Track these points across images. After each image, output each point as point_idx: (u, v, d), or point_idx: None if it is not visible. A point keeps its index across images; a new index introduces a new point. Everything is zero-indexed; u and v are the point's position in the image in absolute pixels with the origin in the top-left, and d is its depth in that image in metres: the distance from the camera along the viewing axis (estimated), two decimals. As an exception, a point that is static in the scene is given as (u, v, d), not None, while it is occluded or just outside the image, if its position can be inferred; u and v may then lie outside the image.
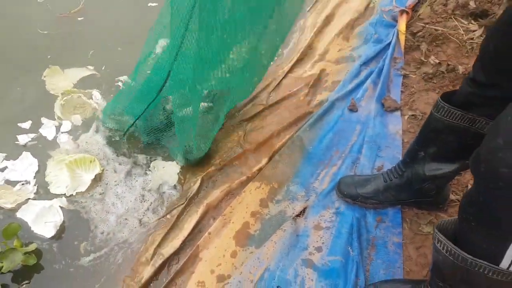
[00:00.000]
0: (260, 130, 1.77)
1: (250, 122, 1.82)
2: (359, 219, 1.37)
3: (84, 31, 2.16)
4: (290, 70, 2.02)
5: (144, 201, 1.56)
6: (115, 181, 1.60)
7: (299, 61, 2.06)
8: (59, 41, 2.10)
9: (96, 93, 1.88)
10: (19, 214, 1.48)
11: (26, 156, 1.63)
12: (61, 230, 1.47)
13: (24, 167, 1.60)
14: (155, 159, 1.68)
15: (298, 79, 1.97)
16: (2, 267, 1.28)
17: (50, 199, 1.52)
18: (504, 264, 0.82)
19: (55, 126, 1.76)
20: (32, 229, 1.44)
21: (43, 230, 1.45)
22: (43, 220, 1.47)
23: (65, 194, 1.53)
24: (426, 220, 1.37)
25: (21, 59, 2.00)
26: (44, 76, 1.94)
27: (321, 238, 1.35)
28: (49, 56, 2.00)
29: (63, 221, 1.48)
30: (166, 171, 1.64)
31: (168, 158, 1.68)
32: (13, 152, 1.66)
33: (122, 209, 1.53)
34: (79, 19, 2.22)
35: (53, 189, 1.55)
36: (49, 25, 2.14)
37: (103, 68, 2.01)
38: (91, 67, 2.00)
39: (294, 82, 1.96)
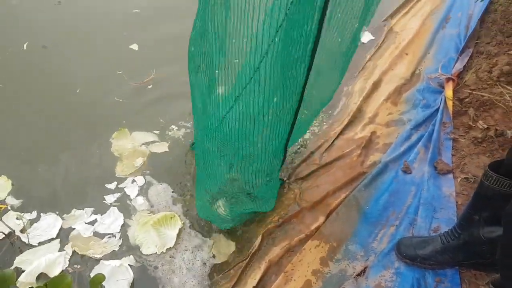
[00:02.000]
0: (315, 189, 1.88)
1: (305, 181, 1.93)
2: (419, 280, 1.43)
3: (153, 98, 2.39)
4: (341, 132, 2.14)
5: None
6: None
7: (350, 123, 2.19)
8: (132, 107, 2.33)
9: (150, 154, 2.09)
10: (92, 275, 1.60)
11: (113, 211, 1.81)
12: (133, 285, 1.60)
13: (111, 220, 1.77)
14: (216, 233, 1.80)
15: (350, 140, 2.08)
16: (89, 314, 1.40)
17: (129, 256, 1.68)
18: None
19: (137, 185, 1.95)
20: None
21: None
22: (114, 279, 1.59)
23: (156, 252, 1.68)
24: (484, 281, 1.41)
25: (100, 124, 2.24)
26: (112, 138, 2.15)
27: (383, 297, 1.41)
28: (124, 121, 2.22)
29: (133, 278, 1.61)
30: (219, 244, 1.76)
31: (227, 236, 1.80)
32: (101, 207, 1.86)
33: (192, 269, 1.65)
34: (149, 87, 2.46)
35: (145, 250, 1.69)
36: (124, 94, 2.40)
37: (166, 131, 2.21)
38: (156, 132, 2.20)
39: (346, 143, 2.07)
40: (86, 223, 1.79)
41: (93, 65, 2.59)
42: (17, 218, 1.75)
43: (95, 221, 1.80)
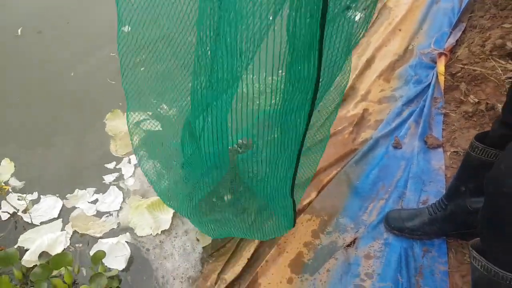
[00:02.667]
0: (308, 166, 1.92)
1: (299, 159, 1.97)
2: (407, 249, 1.48)
3: (144, 79, 2.42)
4: (335, 110, 2.17)
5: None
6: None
7: (342, 101, 2.21)
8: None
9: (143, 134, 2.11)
10: (91, 253, 1.64)
11: (113, 190, 1.87)
12: (130, 262, 1.65)
13: (111, 199, 1.84)
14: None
15: (342, 118, 2.11)
16: (90, 289, 1.47)
17: (125, 233, 1.73)
18: None
19: (131, 165, 2.00)
20: (105, 264, 1.61)
21: (113, 263, 1.63)
22: (113, 255, 1.65)
23: (151, 234, 1.72)
24: (470, 251, 1.46)
25: (94, 106, 2.28)
26: (106, 119, 2.20)
27: (371, 266, 1.46)
28: (120, 103, 2.26)
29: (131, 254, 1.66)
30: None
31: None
32: (102, 186, 1.92)
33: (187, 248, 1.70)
34: (142, 69, 2.48)
35: (139, 232, 1.73)
36: (117, 75, 2.42)
37: (158, 110, 2.24)
38: (149, 112, 2.23)
39: (338, 121, 2.10)
40: (88, 202, 1.85)
41: (86, 48, 2.62)
42: (18, 199, 1.81)
43: (96, 200, 1.86)
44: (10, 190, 1.86)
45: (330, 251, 1.56)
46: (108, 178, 1.93)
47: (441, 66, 2.14)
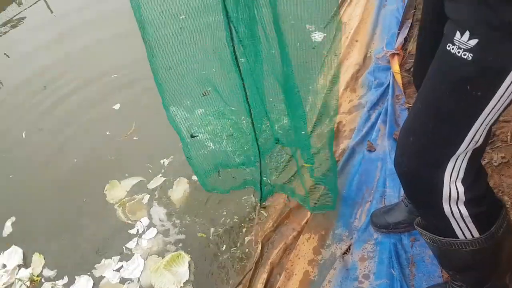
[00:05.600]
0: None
1: (289, 184, 2.12)
2: (395, 244, 1.60)
3: (139, 147, 2.66)
4: (312, 130, 2.33)
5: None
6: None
7: (318, 120, 2.37)
8: (123, 160, 2.60)
9: (146, 196, 2.33)
10: None
11: (137, 258, 2.04)
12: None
13: (134, 266, 2.01)
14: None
15: (320, 135, 2.27)
16: None
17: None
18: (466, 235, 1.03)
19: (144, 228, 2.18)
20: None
21: None
22: None
23: None
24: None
25: (100, 183, 2.49)
26: (105, 190, 2.42)
27: (367, 267, 1.59)
28: (126, 174, 2.47)
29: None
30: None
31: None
32: (124, 254, 2.09)
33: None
34: (134, 138, 2.73)
35: None
36: (115, 151, 2.66)
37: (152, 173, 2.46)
38: (146, 174, 2.45)
39: (318, 140, 2.26)
40: (114, 270, 2.02)
41: (83, 133, 2.88)
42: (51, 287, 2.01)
43: (121, 267, 2.03)
44: (43, 280, 2.07)
45: (331, 263, 1.69)
46: (130, 245, 2.11)
47: (395, 65, 2.30)
